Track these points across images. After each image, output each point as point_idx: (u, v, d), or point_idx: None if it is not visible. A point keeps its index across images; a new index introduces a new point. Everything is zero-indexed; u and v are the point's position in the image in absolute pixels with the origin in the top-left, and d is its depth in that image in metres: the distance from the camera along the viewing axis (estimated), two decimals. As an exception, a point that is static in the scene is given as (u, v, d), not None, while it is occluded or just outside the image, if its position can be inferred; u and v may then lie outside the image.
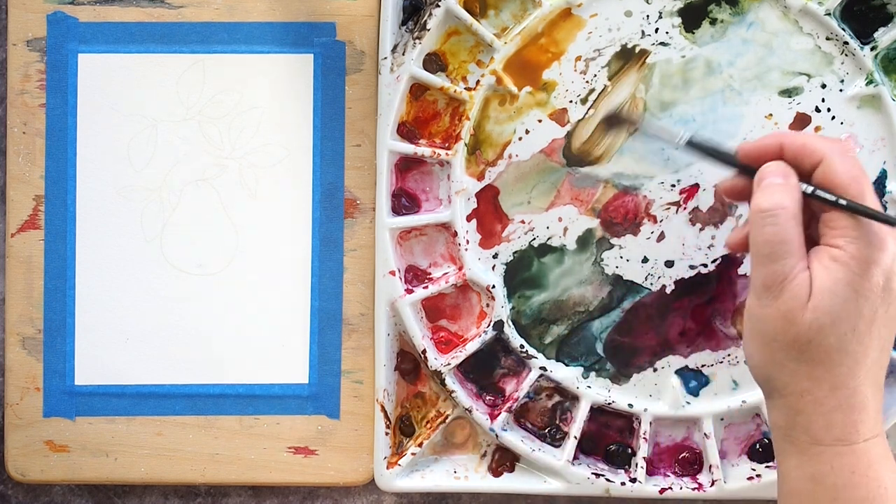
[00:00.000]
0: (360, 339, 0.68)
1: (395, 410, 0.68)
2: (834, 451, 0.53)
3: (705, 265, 0.66)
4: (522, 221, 0.67)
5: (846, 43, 0.65)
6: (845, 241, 0.53)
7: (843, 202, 0.53)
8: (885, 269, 0.53)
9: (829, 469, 0.53)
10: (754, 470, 0.66)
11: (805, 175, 0.55)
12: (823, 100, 0.65)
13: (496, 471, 0.68)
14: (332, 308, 0.68)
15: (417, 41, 0.66)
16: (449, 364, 0.67)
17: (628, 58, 0.65)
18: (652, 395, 0.67)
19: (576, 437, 0.66)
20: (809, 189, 0.54)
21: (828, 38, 0.65)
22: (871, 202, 0.54)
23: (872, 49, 0.65)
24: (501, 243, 0.67)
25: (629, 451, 0.67)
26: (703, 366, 0.67)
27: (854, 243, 0.53)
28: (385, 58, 0.66)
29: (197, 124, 0.68)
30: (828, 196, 0.54)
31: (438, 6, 0.65)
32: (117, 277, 0.68)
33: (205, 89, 0.67)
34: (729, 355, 0.67)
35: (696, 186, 0.66)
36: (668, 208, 0.66)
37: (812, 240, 0.55)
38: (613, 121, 0.65)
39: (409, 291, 0.67)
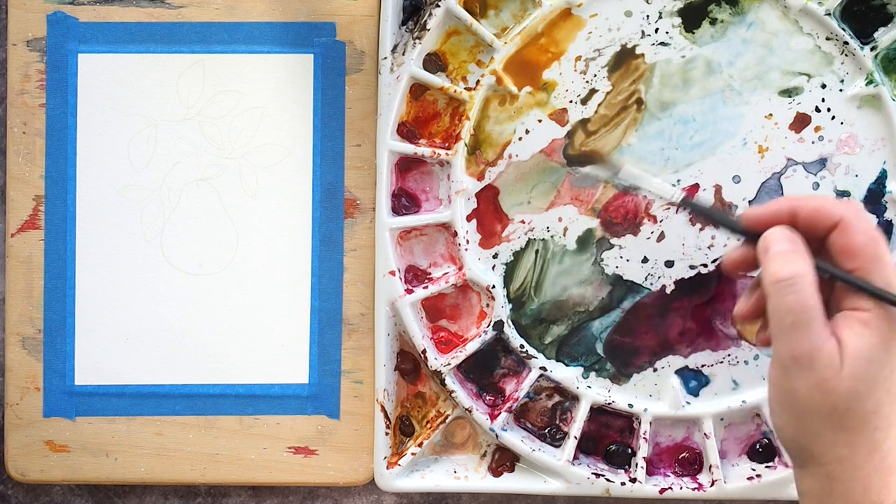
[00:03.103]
0: (360, 339, 0.68)
1: (395, 410, 0.68)
2: None
3: (705, 265, 0.66)
4: (522, 221, 0.67)
5: (846, 43, 0.65)
6: (871, 302, 0.52)
7: (861, 283, 0.52)
8: None
9: None
10: (754, 470, 0.66)
11: (819, 238, 0.54)
12: (823, 100, 0.65)
13: (496, 471, 0.67)
14: (332, 308, 0.68)
15: (417, 41, 0.66)
16: (449, 364, 0.66)
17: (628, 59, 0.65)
18: (652, 395, 0.67)
19: (576, 437, 0.66)
20: (829, 269, 0.54)
21: (828, 38, 0.65)
22: (887, 262, 0.53)
23: (872, 49, 0.65)
24: (501, 243, 0.67)
25: (629, 451, 0.67)
26: (703, 366, 0.67)
27: (880, 304, 0.52)
28: (385, 58, 0.66)
29: (197, 124, 0.67)
30: (845, 275, 0.53)
31: (438, 6, 0.65)
32: (117, 277, 0.68)
33: (205, 89, 0.67)
34: (729, 355, 0.66)
35: (696, 186, 0.66)
36: (668, 208, 0.66)
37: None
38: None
39: (409, 291, 0.67)
